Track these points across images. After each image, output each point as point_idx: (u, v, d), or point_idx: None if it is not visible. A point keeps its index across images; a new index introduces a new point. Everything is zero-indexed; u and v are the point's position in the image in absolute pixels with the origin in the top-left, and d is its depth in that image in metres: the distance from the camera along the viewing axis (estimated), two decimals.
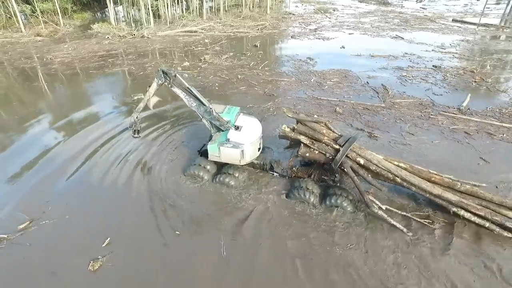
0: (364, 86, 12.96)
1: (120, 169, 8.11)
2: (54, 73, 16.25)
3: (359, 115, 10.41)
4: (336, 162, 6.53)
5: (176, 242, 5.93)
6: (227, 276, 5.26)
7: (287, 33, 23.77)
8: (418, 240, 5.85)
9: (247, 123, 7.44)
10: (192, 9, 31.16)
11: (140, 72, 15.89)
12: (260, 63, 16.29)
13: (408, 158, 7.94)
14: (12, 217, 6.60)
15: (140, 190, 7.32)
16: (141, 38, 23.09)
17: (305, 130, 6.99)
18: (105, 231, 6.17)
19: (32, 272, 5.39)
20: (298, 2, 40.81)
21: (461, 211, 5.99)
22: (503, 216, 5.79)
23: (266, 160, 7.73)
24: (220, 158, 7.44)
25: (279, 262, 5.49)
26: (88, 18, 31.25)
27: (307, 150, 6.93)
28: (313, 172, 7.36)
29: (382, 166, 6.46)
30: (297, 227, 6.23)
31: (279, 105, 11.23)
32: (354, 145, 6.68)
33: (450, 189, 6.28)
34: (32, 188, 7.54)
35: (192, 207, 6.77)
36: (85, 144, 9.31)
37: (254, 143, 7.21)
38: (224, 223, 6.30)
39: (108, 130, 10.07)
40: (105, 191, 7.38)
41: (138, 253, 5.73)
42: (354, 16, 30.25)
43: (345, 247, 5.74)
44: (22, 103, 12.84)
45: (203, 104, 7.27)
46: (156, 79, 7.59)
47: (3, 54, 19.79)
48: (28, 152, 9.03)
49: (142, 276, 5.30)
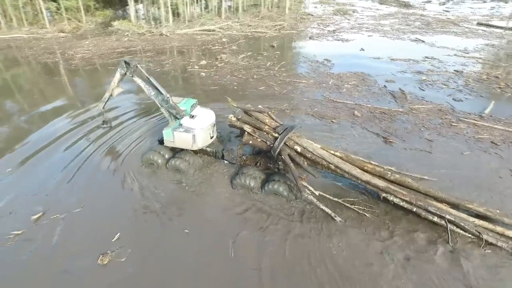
0: (381, 90, 12.73)
1: (130, 164, 8.21)
2: (74, 68, 16.65)
3: (378, 119, 10.21)
4: (275, 149, 7.01)
5: (185, 240, 5.94)
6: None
7: (305, 34, 23.60)
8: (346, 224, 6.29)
9: (202, 113, 7.97)
10: (211, 8, 31.32)
11: (157, 69, 16.07)
12: (277, 63, 16.23)
13: (434, 170, 7.74)
14: (26, 209, 6.76)
15: (154, 186, 7.40)
16: (159, 36, 23.37)
17: (248, 119, 7.57)
18: (115, 226, 6.24)
19: (43, 266, 5.49)
20: (317, 3, 40.47)
21: (390, 196, 6.38)
22: (426, 202, 6.21)
23: (218, 148, 8.17)
24: (174, 143, 7.89)
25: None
26: (109, 16, 31.85)
27: (250, 138, 7.49)
28: (260, 160, 7.84)
29: (317, 154, 6.93)
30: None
31: (295, 107, 11.16)
32: (293, 133, 7.14)
33: (381, 178, 6.66)
34: (46, 180, 7.70)
35: (204, 204, 6.79)
36: (100, 136, 9.52)
37: (205, 129, 7.69)
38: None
39: (123, 124, 10.27)
40: (117, 186, 7.48)
41: (147, 249, 5.77)
42: (373, 18, 29.78)
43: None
44: (43, 96, 13.20)
45: (161, 93, 7.75)
46: (119, 69, 8.00)
47: (28, 49, 20.39)
48: (44, 144, 9.25)
49: (150, 272, 5.34)
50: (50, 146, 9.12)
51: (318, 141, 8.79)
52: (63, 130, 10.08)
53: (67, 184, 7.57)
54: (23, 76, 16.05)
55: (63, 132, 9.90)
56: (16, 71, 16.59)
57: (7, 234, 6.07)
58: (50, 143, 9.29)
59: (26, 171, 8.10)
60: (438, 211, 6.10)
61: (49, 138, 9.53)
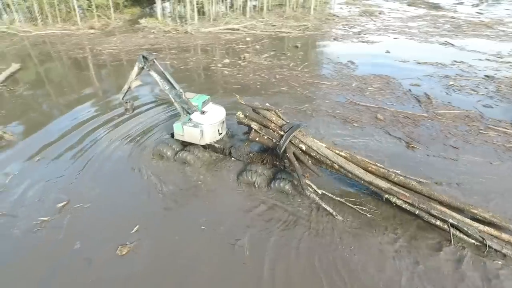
0: (406, 94, 12.42)
1: (159, 159, 8.41)
2: (102, 64, 17.23)
3: (401, 124, 9.99)
4: (280, 147, 7.12)
5: (200, 236, 6.05)
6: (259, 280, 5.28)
7: (330, 35, 23.34)
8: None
9: (212, 110, 8.22)
10: (236, 7, 31.52)
11: (181, 66, 16.37)
12: (300, 64, 16.16)
13: (459, 178, 7.49)
14: (53, 197, 7.09)
15: (171, 181, 7.57)
16: (184, 33, 23.77)
17: (256, 117, 7.70)
18: (134, 218, 6.42)
19: (67, 253, 5.72)
20: (343, 4, 39.91)
21: (393, 198, 6.38)
22: (429, 205, 6.14)
23: (226, 145, 8.34)
24: (183, 137, 8.18)
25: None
26: (137, 13, 32.67)
27: (256, 135, 7.62)
28: (266, 158, 7.95)
29: (321, 153, 6.95)
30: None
31: (317, 108, 11.09)
32: (299, 132, 7.21)
33: (385, 179, 6.63)
34: (71, 169, 8.05)
35: (217, 203, 6.88)
36: (123, 130, 9.87)
37: (214, 125, 7.90)
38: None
39: (146, 118, 10.60)
40: (137, 179, 7.70)
41: (164, 243, 5.92)
42: (401, 20, 29.05)
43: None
44: (72, 89, 13.76)
45: (175, 88, 8.02)
46: (138, 63, 8.25)
47: (60, 45, 21.26)
48: (70, 135, 9.70)
49: (166, 265, 5.48)
50: (75, 138, 9.53)
51: (339, 143, 8.80)
52: (87, 122, 10.52)
53: (90, 174, 7.89)
54: (55, 70, 16.76)
55: (87, 124, 10.33)
56: (49, 65, 17.35)
57: (35, 219, 6.40)
58: (75, 134, 9.72)
59: (54, 160, 8.49)
60: (441, 214, 6.01)
61: (74, 130, 9.97)
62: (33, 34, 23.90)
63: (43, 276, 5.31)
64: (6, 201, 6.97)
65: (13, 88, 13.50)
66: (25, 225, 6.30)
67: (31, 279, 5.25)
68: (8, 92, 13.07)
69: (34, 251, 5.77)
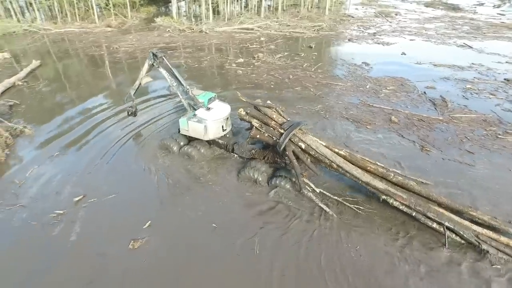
0: (421, 97, 12.25)
1: (166, 153, 8.59)
2: (118, 61, 17.57)
3: (416, 127, 9.86)
4: (280, 145, 7.18)
5: (211, 234, 6.11)
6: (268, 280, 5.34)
7: (344, 35, 23.20)
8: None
9: (218, 106, 8.42)
10: (250, 7, 31.62)
11: (195, 65, 16.55)
12: (314, 64, 16.12)
13: (474, 185, 7.35)
14: (70, 190, 7.28)
15: (185, 177, 7.68)
16: (199, 32, 24.00)
17: (257, 114, 7.74)
18: (146, 214, 6.54)
19: (83, 247, 5.85)
20: (358, 4, 39.59)
21: (390, 199, 6.35)
22: (426, 207, 6.09)
23: (230, 141, 8.45)
24: (188, 132, 8.38)
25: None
26: (152, 12, 33.15)
27: (257, 133, 7.70)
28: (268, 155, 7.97)
29: (319, 152, 6.97)
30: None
31: (330, 109, 11.06)
32: (299, 130, 7.26)
33: (383, 179, 6.60)
34: (87, 163, 8.26)
35: (229, 201, 6.96)
36: (136, 125, 10.16)
37: (217, 121, 8.07)
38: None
39: (157, 114, 10.90)
40: (149, 175, 7.83)
41: (176, 240, 6.01)
42: (417, 21, 28.64)
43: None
44: (88, 86, 14.10)
45: (182, 85, 8.37)
46: (148, 60, 8.64)
47: (78, 42, 21.77)
48: (87, 130, 9.96)
49: (177, 261, 5.56)
50: (90, 133, 9.78)
51: (351, 145, 8.77)
52: (102, 117, 10.80)
53: (104, 168, 8.09)
54: (72, 67, 17.17)
55: (102, 119, 10.62)
56: (67, 62, 17.77)
57: (51, 212, 6.58)
58: (90, 129, 9.98)
59: (70, 154, 8.74)
60: (437, 217, 5.97)
61: (90, 125, 10.24)
62: (53, 31, 24.52)
63: (57, 268, 5.45)
64: (26, 193, 7.20)
65: (33, 84, 13.90)
66: (42, 217, 6.48)
67: (45, 271, 5.39)
68: (28, 88, 13.46)
69: (50, 244, 5.92)
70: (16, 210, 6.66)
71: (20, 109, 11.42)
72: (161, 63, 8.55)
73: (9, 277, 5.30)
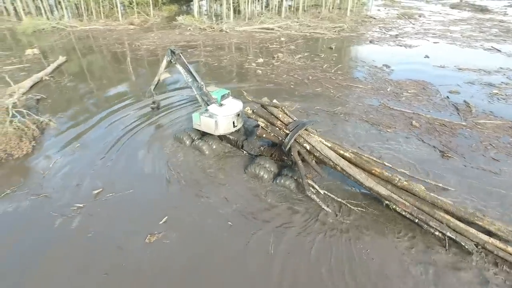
0: (443, 101, 11.93)
1: (181, 148, 8.76)
2: (139, 58, 17.95)
3: (437, 132, 9.62)
4: (285, 145, 7.23)
5: (227, 232, 6.16)
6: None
7: (365, 37, 22.86)
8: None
9: (230, 103, 8.59)
10: (271, 7, 31.61)
11: (215, 63, 16.70)
12: (334, 66, 15.96)
13: (501, 195, 7.10)
14: (89, 183, 7.50)
15: (200, 173, 7.77)
16: (219, 31, 24.18)
17: (262, 113, 7.75)
18: (163, 210, 6.65)
19: (102, 241, 6.00)
20: (380, 5, 38.92)
21: (392, 205, 6.35)
22: (427, 216, 6.04)
23: (240, 138, 8.61)
24: (200, 127, 8.60)
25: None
26: (174, 10, 33.63)
27: (263, 132, 7.73)
28: (275, 152, 8.01)
29: (324, 154, 6.93)
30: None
31: (349, 111, 10.93)
32: (305, 131, 7.24)
33: (389, 183, 6.53)
34: (106, 157, 8.50)
35: (247, 202, 7.00)
36: (153, 119, 10.39)
37: (228, 117, 8.22)
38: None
39: (177, 110, 11.06)
40: (168, 169, 7.96)
41: (192, 236, 6.09)
42: (442, 23, 27.89)
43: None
44: (110, 81, 14.48)
45: (197, 81, 8.70)
46: (166, 57, 9.09)
47: (102, 39, 22.36)
48: (107, 124, 10.27)
49: (191, 256, 5.64)
50: (110, 127, 10.07)
51: (370, 148, 8.64)
52: (122, 111, 11.12)
53: (123, 162, 8.32)
54: (96, 63, 17.66)
55: (122, 114, 10.92)
56: (91, 59, 18.30)
57: (72, 205, 6.78)
58: (110, 124, 10.29)
59: (91, 147, 9.01)
60: (440, 227, 5.90)
61: (110, 119, 10.57)
62: (79, 29, 25.27)
63: (74, 260, 5.61)
64: (49, 184, 7.48)
65: (59, 79, 14.39)
66: (62, 209, 6.70)
67: (64, 264, 5.55)
68: (54, 83, 13.94)
69: (68, 237, 6.08)
70: (40, 201, 6.93)
71: (46, 103, 11.85)
72: (178, 60, 8.95)
73: (29, 266, 5.50)
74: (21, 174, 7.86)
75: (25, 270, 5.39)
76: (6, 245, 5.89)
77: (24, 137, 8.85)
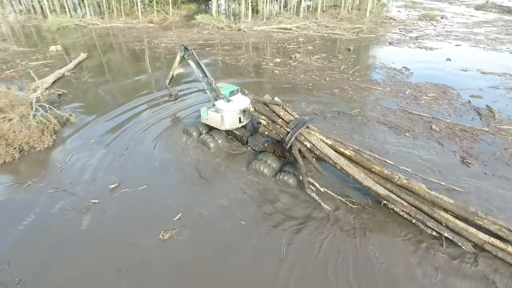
0: (464, 105, 11.58)
1: (191, 142, 8.90)
2: (157, 56, 18.22)
3: (458, 137, 9.35)
4: (286, 143, 7.33)
5: (240, 231, 6.16)
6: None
7: (385, 39, 22.49)
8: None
9: (238, 99, 8.79)
10: (289, 7, 31.49)
11: (232, 62, 16.77)
12: (351, 67, 15.77)
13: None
14: (106, 178, 7.64)
15: (213, 170, 7.82)
16: (237, 31, 24.27)
17: (264, 111, 7.91)
18: (177, 207, 6.69)
19: (111, 235, 6.08)
20: (401, 7, 38.20)
21: (391, 205, 6.34)
22: (425, 216, 6.05)
23: (245, 134, 8.81)
24: (207, 121, 8.90)
25: None
26: (193, 9, 33.98)
27: (265, 129, 7.86)
28: (278, 149, 8.12)
29: (324, 153, 6.98)
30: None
31: (367, 113, 10.76)
32: (306, 129, 7.34)
33: (388, 182, 6.53)
34: (122, 152, 8.66)
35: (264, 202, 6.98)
36: (168, 114, 10.64)
37: (234, 112, 8.45)
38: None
39: (191, 106, 11.26)
40: (181, 170, 8.01)
41: (205, 233, 6.12)
42: (465, 25, 27.12)
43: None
44: (128, 78, 14.76)
45: (207, 76, 9.04)
46: (180, 53, 9.53)
47: (122, 37, 22.81)
48: (124, 120, 10.46)
49: (205, 254, 5.67)
50: (127, 122, 10.27)
51: (386, 151, 8.48)
52: (139, 107, 11.32)
53: (138, 157, 8.48)
54: (115, 60, 18.04)
55: (139, 110, 11.11)
56: (110, 56, 18.70)
57: (87, 200, 6.88)
58: (127, 118, 10.54)
59: (108, 142, 9.18)
60: (437, 227, 5.89)
61: (126, 115, 10.79)
62: (100, 26, 25.88)
63: (88, 255, 5.70)
64: (65, 178, 7.65)
65: (80, 75, 14.76)
66: (78, 204, 6.80)
67: (77, 261, 5.60)
68: (75, 78, 14.32)
69: (82, 232, 6.16)
70: (58, 194, 7.09)
71: (67, 98, 12.18)
72: (190, 56, 9.30)
73: (42, 261, 5.62)
74: (42, 167, 8.10)
75: (40, 262, 5.52)
76: (19, 235, 6.06)
77: (45, 131, 9.11)
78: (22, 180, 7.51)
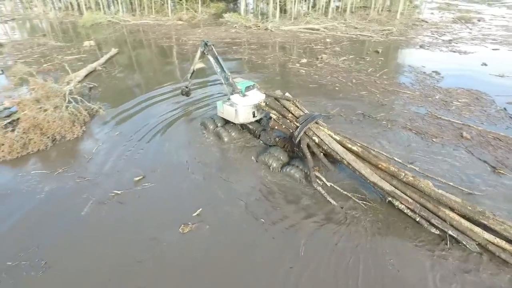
0: (499, 113, 11.00)
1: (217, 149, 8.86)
2: (185, 53, 18.54)
3: (492, 146, 8.90)
4: (295, 138, 7.49)
5: (259, 228, 6.18)
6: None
7: (415, 41, 21.78)
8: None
9: (253, 94, 9.03)
10: (318, 7, 31.16)
11: (258, 61, 16.80)
12: (379, 70, 15.40)
13: None
14: (130, 170, 7.86)
15: (244, 169, 7.86)
16: (264, 30, 24.28)
17: (275, 106, 8.10)
18: (197, 202, 6.77)
19: (132, 227, 6.23)
20: (434, 9, 36.84)
21: (395, 201, 6.32)
22: (430, 213, 6.02)
23: (258, 128, 9.04)
24: (223, 114, 9.25)
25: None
26: (222, 8, 34.31)
27: (275, 124, 8.08)
28: (287, 144, 8.29)
29: (331, 148, 7.05)
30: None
31: (393, 118, 10.47)
32: (315, 123, 7.44)
33: (395, 178, 6.50)
34: (147, 145, 8.94)
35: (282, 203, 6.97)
36: (192, 108, 10.96)
37: (247, 107, 8.72)
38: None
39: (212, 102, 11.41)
40: (205, 162, 8.16)
41: (225, 229, 6.18)
42: (505, 28, 25.75)
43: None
44: (156, 74, 15.14)
45: (224, 71, 9.30)
46: (200, 48, 9.79)
47: (152, 34, 23.40)
48: (150, 115, 10.77)
49: (222, 250, 5.73)
50: (154, 117, 10.52)
51: (411, 157, 8.22)
52: (165, 102, 11.66)
53: (162, 150, 8.72)
54: (144, 56, 18.53)
55: (165, 106, 11.43)
56: (140, 51, 19.22)
57: (110, 191, 7.10)
58: (153, 112, 10.87)
59: (134, 135, 9.47)
60: (441, 225, 5.85)
61: (153, 109, 11.15)
62: (131, 23, 26.65)
63: (109, 245, 5.87)
64: (91, 168, 7.97)
65: (110, 69, 15.29)
66: (100, 194, 7.02)
67: (98, 250, 5.78)
68: (105, 73, 14.84)
69: (103, 222, 6.34)
70: (83, 184, 7.38)
71: (97, 91, 12.66)
72: (210, 51, 9.62)
73: (65, 248, 5.84)
74: (71, 156, 8.53)
75: (64, 249, 5.75)
76: (47, 221, 6.36)
77: (76, 122, 9.55)
78: (53, 168, 7.89)
